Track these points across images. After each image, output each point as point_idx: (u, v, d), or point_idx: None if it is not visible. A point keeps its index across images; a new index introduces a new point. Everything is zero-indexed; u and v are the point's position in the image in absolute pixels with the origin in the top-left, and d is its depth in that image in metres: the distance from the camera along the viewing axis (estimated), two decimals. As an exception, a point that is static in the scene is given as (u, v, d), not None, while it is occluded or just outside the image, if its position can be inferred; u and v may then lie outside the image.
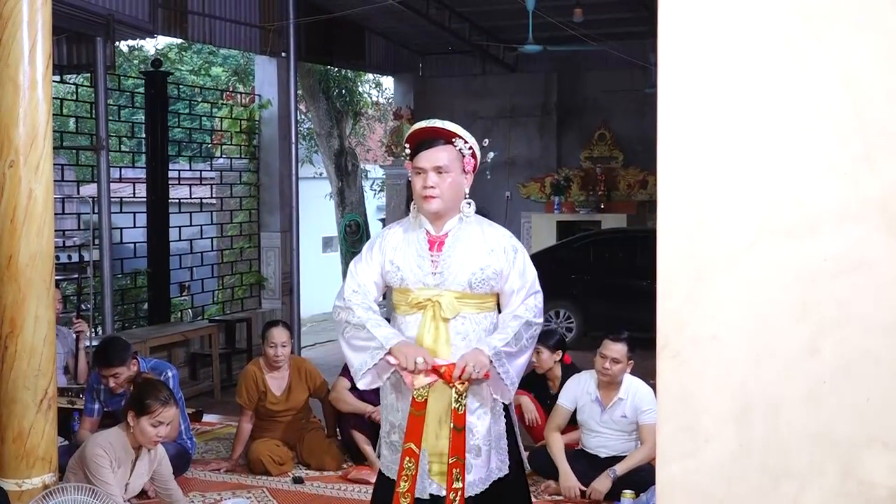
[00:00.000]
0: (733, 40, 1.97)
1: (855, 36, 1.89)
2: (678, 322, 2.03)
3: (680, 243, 2.03)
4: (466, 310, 3.80)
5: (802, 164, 1.93)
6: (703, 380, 2.02)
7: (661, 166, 2.04)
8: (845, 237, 1.91)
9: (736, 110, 1.98)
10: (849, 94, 1.90)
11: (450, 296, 3.77)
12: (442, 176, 3.76)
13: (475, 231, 3.86)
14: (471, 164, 3.86)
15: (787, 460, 1.98)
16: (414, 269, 3.82)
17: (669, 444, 2.06)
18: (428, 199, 3.78)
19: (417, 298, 3.80)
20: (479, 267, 3.77)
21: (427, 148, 3.79)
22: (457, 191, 3.83)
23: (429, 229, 3.87)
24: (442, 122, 3.87)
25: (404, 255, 3.85)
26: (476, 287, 3.79)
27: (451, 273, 3.78)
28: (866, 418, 1.92)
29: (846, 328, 1.92)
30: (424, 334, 3.78)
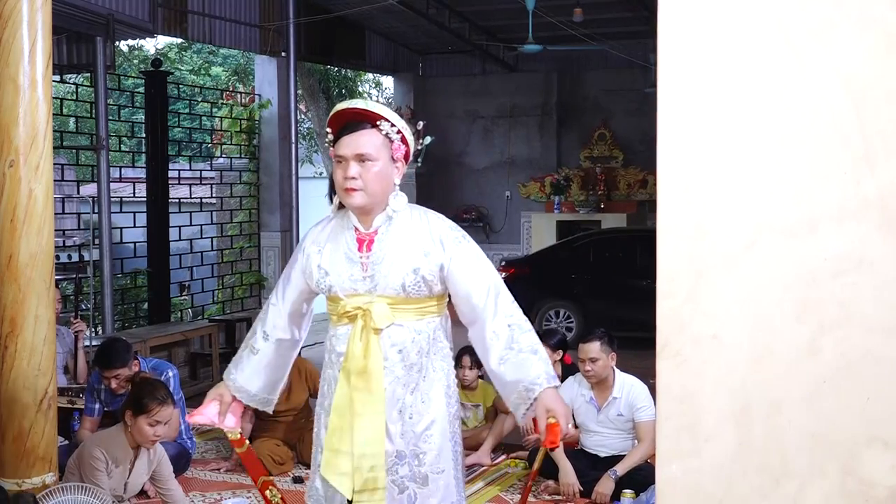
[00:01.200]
0: (733, 40, 1.98)
1: (855, 36, 1.89)
2: (678, 322, 2.03)
3: (680, 243, 2.03)
4: (403, 317, 3.32)
5: (802, 164, 1.93)
6: (704, 379, 2.02)
7: (661, 166, 2.04)
8: (845, 237, 1.91)
9: (736, 110, 1.98)
10: (849, 94, 1.90)
11: (382, 303, 3.29)
12: (365, 165, 3.23)
13: (410, 225, 3.34)
14: (401, 151, 3.32)
15: (787, 460, 1.98)
16: (342, 275, 3.33)
17: (670, 443, 2.06)
18: (350, 192, 3.24)
19: (346, 308, 3.33)
20: (413, 268, 3.27)
21: (349, 133, 3.26)
22: (384, 182, 3.28)
23: (357, 226, 3.35)
24: (366, 101, 3.36)
25: (332, 258, 3.36)
26: (412, 291, 3.29)
27: (383, 276, 3.29)
28: (866, 418, 1.92)
29: (846, 328, 1.92)
30: (353, 348, 3.32)
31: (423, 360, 3.36)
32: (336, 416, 3.36)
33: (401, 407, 3.34)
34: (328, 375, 3.48)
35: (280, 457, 6.49)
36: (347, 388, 3.33)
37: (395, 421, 3.34)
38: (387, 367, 3.31)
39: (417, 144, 3.47)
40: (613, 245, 12.88)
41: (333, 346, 3.43)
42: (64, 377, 6.87)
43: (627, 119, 15.23)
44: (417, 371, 3.36)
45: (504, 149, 15.95)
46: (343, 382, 3.34)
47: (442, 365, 3.42)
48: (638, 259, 11.97)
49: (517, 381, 3.25)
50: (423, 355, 3.36)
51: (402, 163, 3.35)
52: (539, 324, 11.72)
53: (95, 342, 7.98)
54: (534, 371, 3.22)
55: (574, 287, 12.26)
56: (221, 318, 11.22)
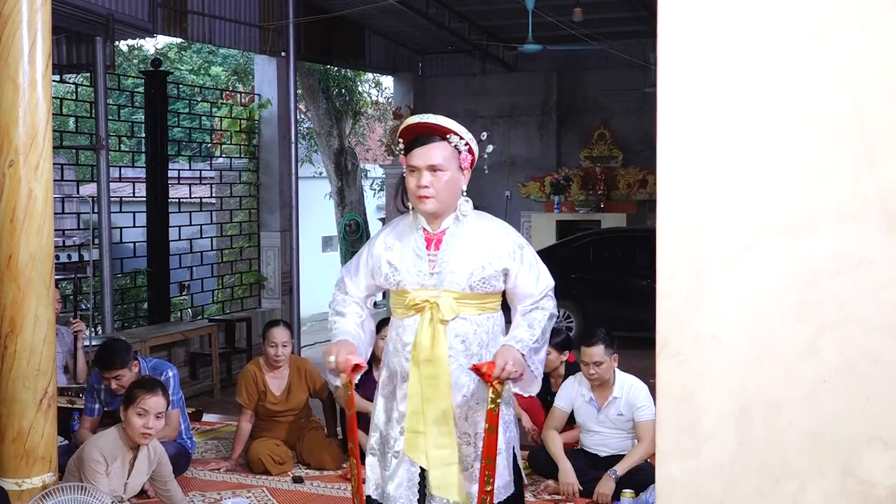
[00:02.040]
0: (733, 39, 1.97)
1: (855, 35, 1.89)
2: (678, 321, 2.03)
3: (680, 243, 2.03)
4: (466, 311, 3.63)
5: (802, 164, 1.93)
6: (703, 379, 2.02)
7: (661, 166, 2.04)
8: (845, 236, 1.91)
9: (736, 109, 1.98)
10: (849, 94, 1.90)
11: (448, 297, 3.59)
12: (437, 174, 3.58)
13: (475, 228, 3.70)
14: (468, 161, 3.68)
15: (786, 459, 1.98)
16: (411, 270, 3.64)
17: (669, 443, 2.06)
18: (423, 200, 3.59)
19: (415, 300, 3.62)
20: (480, 265, 3.60)
21: (421, 145, 3.60)
22: (453, 189, 3.64)
23: (426, 227, 3.68)
24: (436, 117, 3.66)
25: (401, 255, 3.67)
26: (476, 287, 3.61)
27: (450, 272, 3.60)
28: (866, 418, 1.92)
29: (846, 328, 1.92)
30: (421, 337, 3.61)
31: (482, 352, 3.65)
32: (412, 400, 3.63)
33: (465, 392, 3.64)
34: (392, 364, 3.74)
35: (280, 457, 6.49)
36: (418, 374, 3.62)
37: (460, 405, 3.64)
38: (451, 355, 3.61)
39: (483, 153, 3.82)
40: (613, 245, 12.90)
41: (400, 336, 3.70)
42: (64, 377, 6.87)
43: (627, 119, 15.23)
44: (478, 361, 3.62)
45: (504, 149, 15.94)
46: (414, 370, 3.63)
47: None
48: (637, 259, 11.98)
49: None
50: (483, 347, 3.66)
51: (468, 170, 3.71)
52: (539, 324, 11.70)
53: (95, 342, 7.98)
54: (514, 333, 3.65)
55: (574, 287, 12.26)
56: (221, 318, 11.22)
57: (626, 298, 11.49)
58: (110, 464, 5.07)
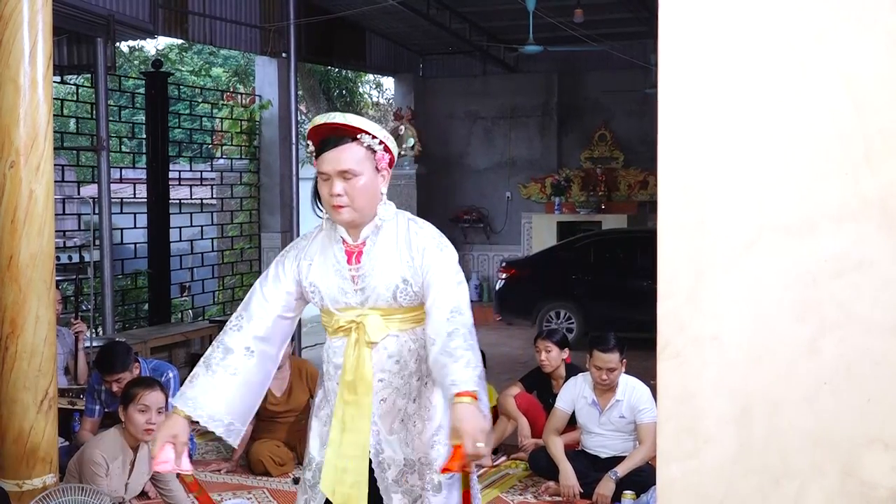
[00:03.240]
0: (734, 40, 1.98)
1: (856, 36, 1.89)
2: (678, 322, 2.03)
3: (680, 244, 2.03)
4: (397, 326, 3.29)
5: (802, 164, 1.93)
6: (704, 380, 2.02)
7: (662, 167, 2.04)
8: (846, 237, 1.91)
9: (736, 110, 1.98)
10: (849, 94, 1.90)
11: (375, 315, 3.27)
12: (350, 181, 3.18)
13: (395, 234, 3.31)
14: (385, 160, 3.26)
15: (787, 460, 1.98)
16: (333, 290, 3.30)
17: (670, 444, 2.06)
18: (338, 209, 3.21)
19: (339, 322, 3.31)
20: (402, 278, 3.24)
21: (331, 148, 3.20)
22: (370, 194, 3.24)
23: (345, 237, 3.32)
24: (343, 115, 3.27)
25: (322, 272, 3.32)
26: (403, 300, 3.26)
27: (372, 287, 3.26)
28: (867, 419, 1.92)
29: (846, 328, 1.92)
30: (347, 361, 3.29)
31: (422, 367, 3.32)
32: (333, 429, 3.32)
33: (403, 416, 3.34)
34: (327, 387, 3.44)
35: (280, 458, 6.49)
36: (342, 401, 3.30)
37: (398, 431, 3.34)
38: (384, 378, 3.29)
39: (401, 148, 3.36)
40: (614, 246, 12.90)
41: (330, 358, 3.40)
42: (64, 378, 6.87)
43: (628, 120, 15.23)
44: (417, 379, 3.34)
45: (504, 150, 15.94)
46: (339, 396, 3.31)
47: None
48: (638, 260, 11.99)
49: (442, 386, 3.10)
50: (421, 362, 3.32)
51: (386, 171, 3.30)
52: (539, 325, 11.73)
53: (96, 343, 7.98)
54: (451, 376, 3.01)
55: (575, 288, 12.27)
56: (222, 319, 11.19)
57: (626, 299, 11.48)
58: (110, 464, 5.07)
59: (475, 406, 2.92)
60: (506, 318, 12.79)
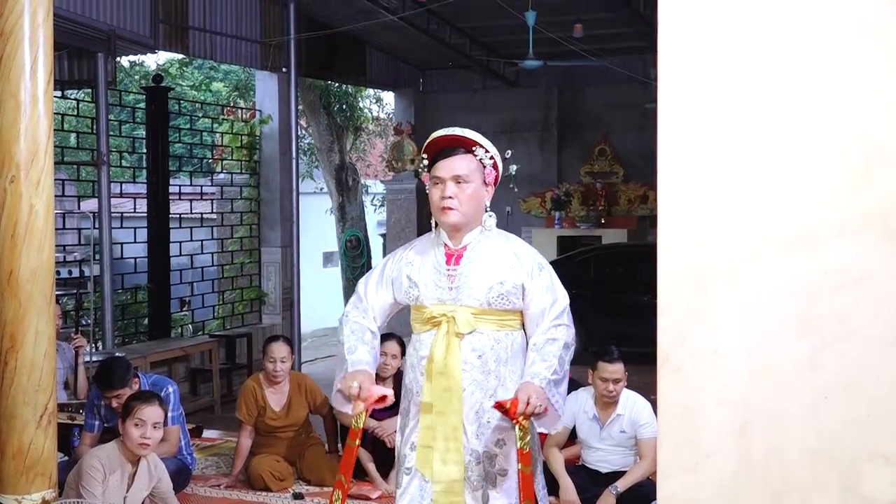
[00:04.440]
0: (733, 55, 1.98)
1: (856, 50, 1.90)
2: (679, 337, 2.03)
3: (680, 258, 2.03)
4: (484, 326, 3.56)
5: (803, 179, 1.93)
6: (704, 394, 2.02)
7: (662, 181, 2.04)
8: (846, 251, 1.91)
9: (736, 124, 1.98)
10: (849, 108, 1.90)
11: (466, 311, 3.54)
12: (461, 186, 3.53)
13: (497, 245, 3.63)
14: (492, 176, 3.65)
15: (788, 475, 1.97)
16: (430, 285, 3.59)
17: (670, 458, 2.06)
18: (446, 211, 3.54)
19: (432, 314, 3.57)
20: (498, 281, 3.53)
21: (446, 157, 3.56)
22: (477, 202, 3.59)
23: (447, 242, 3.63)
24: (462, 129, 3.64)
25: (420, 270, 3.63)
26: (495, 303, 3.55)
27: (468, 287, 3.54)
28: (867, 433, 1.92)
29: (847, 342, 1.92)
30: (436, 350, 3.54)
31: (500, 369, 3.59)
32: (424, 414, 3.58)
33: (478, 409, 3.57)
34: (409, 380, 3.71)
35: (280, 473, 6.47)
36: (430, 388, 3.56)
37: (472, 421, 3.57)
38: (466, 370, 3.54)
39: (507, 170, 3.82)
40: (614, 260, 12.90)
41: (417, 350, 3.65)
42: (64, 393, 6.86)
43: (628, 134, 15.25)
44: (495, 378, 3.58)
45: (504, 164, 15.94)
46: (427, 384, 3.57)
47: (518, 377, 3.60)
48: (639, 274, 11.98)
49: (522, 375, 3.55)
50: (500, 364, 3.59)
51: (492, 186, 3.67)
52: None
53: (96, 358, 7.97)
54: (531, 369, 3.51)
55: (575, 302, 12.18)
56: (222, 334, 11.22)
57: (627, 314, 11.47)
58: (109, 475, 5.05)
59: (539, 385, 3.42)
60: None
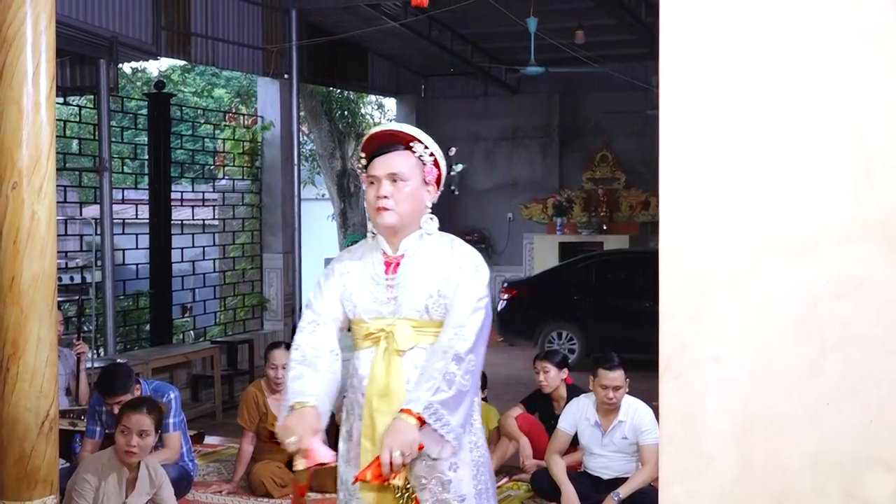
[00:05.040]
0: (734, 62, 1.98)
1: (856, 56, 1.90)
2: (680, 343, 2.03)
3: (682, 264, 2.03)
4: (426, 339, 3.27)
5: (804, 185, 1.94)
6: (706, 401, 2.02)
7: (663, 187, 2.04)
8: (847, 257, 1.91)
9: (737, 131, 1.98)
10: (849, 114, 1.90)
11: (405, 325, 3.26)
12: (397, 185, 3.24)
13: (437, 249, 3.33)
14: (433, 174, 3.32)
15: (789, 481, 1.97)
16: (367, 298, 3.31)
17: (672, 465, 2.06)
18: (380, 211, 3.25)
19: (370, 329, 3.31)
20: (437, 290, 3.25)
21: (382, 154, 3.27)
22: (416, 203, 3.28)
23: (385, 249, 3.35)
24: (399, 124, 3.36)
25: (357, 281, 3.35)
26: (434, 312, 3.25)
27: (406, 297, 3.26)
28: (869, 439, 1.91)
29: (848, 349, 1.91)
30: (376, 370, 3.27)
31: None
32: (364, 439, 3.30)
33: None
34: (350, 400, 3.43)
35: (281, 479, 6.47)
36: (370, 411, 3.28)
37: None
38: (410, 389, 3.22)
39: (450, 170, 3.39)
40: (616, 267, 12.90)
41: (356, 369, 3.36)
42: (66, 399, 6.86)
43: (629, 141, 15.25)
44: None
45: (506, 170, 15.97)
46: (367, 407, 3.29)
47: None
48: (640, 280, 11.98)
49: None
50: None
51: (433, 186, 3.35)
52: (541, 346, 11.72)
53: (97, 364, 7.97)
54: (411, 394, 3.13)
55: (576, 309, 12.26)
56: (223, 340, 11.21)
57: (628, 320, 11.47)
58: (102, 482, 5.02)
59: (411, 425, 3.02)
60: (508, 339, 12.77)
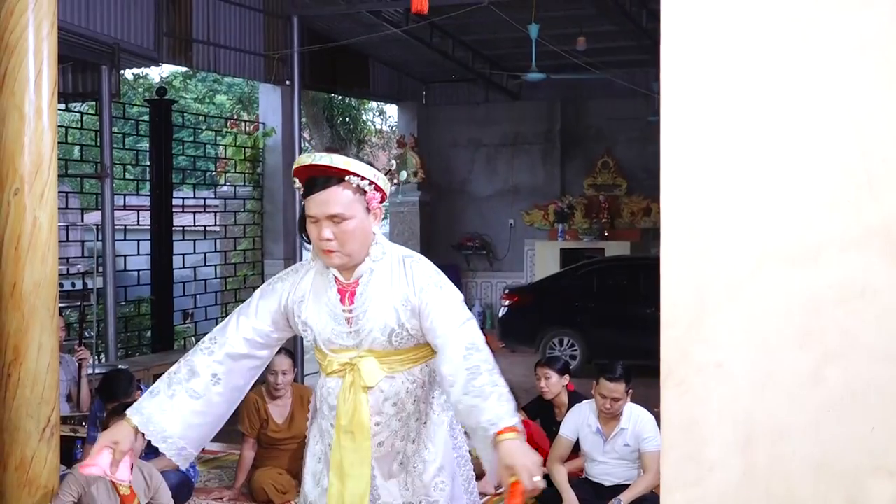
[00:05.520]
0: (735, 70, 1.98)
1: (856, 63, 1.90)
2: (682, 350, 2.03)
3: (683, 271, 2.02)
4: (395, 368, 3.19)
5: (805, 192, 1.94)
6: (708, 408, 2.02)
7: (665, 195, 2.04)
8: (848, 265, 1.91)
9: (738, 138, 1.98)
10: (851, 122, 1.90)
11: (370, 359, 3.16)
12: (340, 225, 3.04)
13: (390, 273, 3.17)
14: (376, 199, 3.12)
15: (791, 489, 1.97)
16: (326, 331, 3.19)
17: (674, 472, 2.05)
18: (328, 254, 3.08)
19: (333, 364, 3.21)
20: (397, 323, 3.12)
21: (319, 190, 3.05)
22: (362, 237, 3.10)
23: (337, 276, 3.18)
24: (330, 156, 3.09)
25: (315, 312, 3.20)
26: (398, 344, 3.16)
27: (367, 331, 3.14)
28: (871, 447, 1.91)
29: (850, 356, 1.91)
30: (342, 405, 3.18)
31: (420, 407, 3.27)
32: (333, 473, 3.24)
33: (402, 459, 3.28)
34: (321, 425, 3.35)
35: (283, 486, 6.46)
36: (339, 446, 3.21)
37: (398, 474, 3.27)
38: (381, 422, 3.19)
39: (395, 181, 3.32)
40: (617, 273, 12.90)
41: (325, 398, 3.28)
42: (67, 405, 6.86)
43: (631, 147, 15.25)
44: (416, 420, 3.27)
45: (507, 177, 15.97)
46: (336, 439, 3.22)
47: (442, 406, 3.30)
48: (642, 287, 11.97)
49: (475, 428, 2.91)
50: (419, 402, 3.26)
51: (378, 209, 3.18)
52: (543, 352, 11.70)
53: (99, 370, 7.97)
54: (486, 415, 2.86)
55: (578, 315, 12.25)
56: (225, 346, 11.19)
57: (629, 327, 11.46)
58: (88, 490, 4.97)
59: (521, 440, 2.79)
60: (509, 346, 12.76)
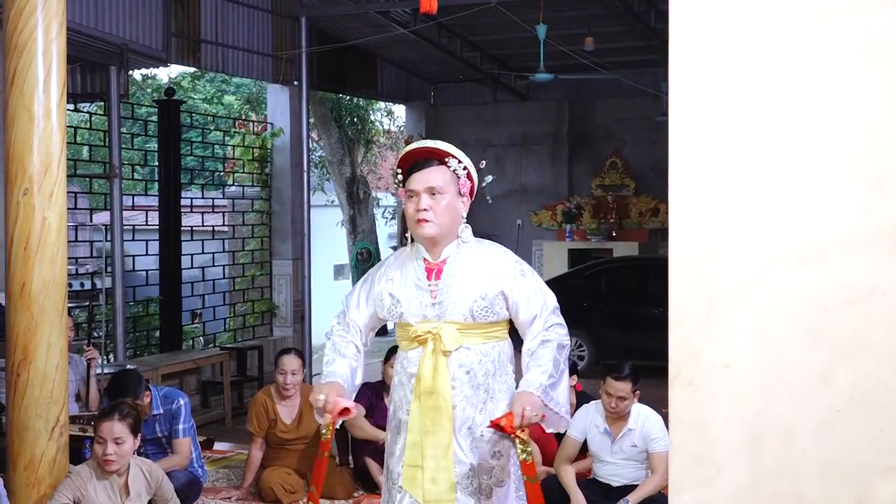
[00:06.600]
0: (744, 70, 1.98)
1: (866, 64, 1.90)
2: (690, 351, 2.03)
3: (692, 272, 2.02)
4: (470, 340, 3.58)
5: (814, 193, 1.93)
6: (716, 409, 2.02)
7: (673, 195, 2.04)
8: (857, 265, 1.91)
9: (747, 139, 1.98)
10: (860, 123, 1.90)
11: (451, 327, 3.55)
12: (436, 198, 3.52)
13: (476, 255, 3.62)
14: (467, 187, 3.64)
15: (800, 489, 1.97)
16: (413, 302, 3.60)
17: (682, 473, 2.05)
18: (421, 223, 3.52)
19: (417, 332, 3.58)
20: (481, 295, 3.55)
21: (419, 169, 3.56)
22: (453, 214, 3.58)
23: (426, 257, 3.62)
24: (434, 141, 3.68)
25: (402, 287, 3.62)
26: (479, 316, 3.56)
27: (451, 302, 3.55)
28: (880, 447, 1.91)
29: (859, 357, 1.91)
30: (423, 369, 3.56)
31: (489, 382, 3.62)
32: (412, 433, 3.58)
33: (470, 424, 3.59)
34: (398, 397, 3.71)
35: (291, 485, 6.47)
36: (419, 407, 3.57)
37: (465, 437, 3.58)
38: (456, 387, 3.56)
39: (482, 182, 3.78)
40: (625, 273, 12.89)
41: (405, 368, 3.66)
42: (76, 405, 6.87)
43: (639, 147, 15.23)
44: (485, 391, 3.61)
45: (516, 177, 15.96)
46: (416, 402, 3.58)
47: (507, 387, 3.66)
48: (650, 287, 11.96)
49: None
50: (489, 377, 3.61)
51: (467, 197, 3.65)
52: (551, 352, 11.66)
53: (107, 370, 7.98)
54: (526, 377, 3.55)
55: (586, 316, 12.23)
56: (233, 346, 11.22)
57: (638, 327, 11.45)
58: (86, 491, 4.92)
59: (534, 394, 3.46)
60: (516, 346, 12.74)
